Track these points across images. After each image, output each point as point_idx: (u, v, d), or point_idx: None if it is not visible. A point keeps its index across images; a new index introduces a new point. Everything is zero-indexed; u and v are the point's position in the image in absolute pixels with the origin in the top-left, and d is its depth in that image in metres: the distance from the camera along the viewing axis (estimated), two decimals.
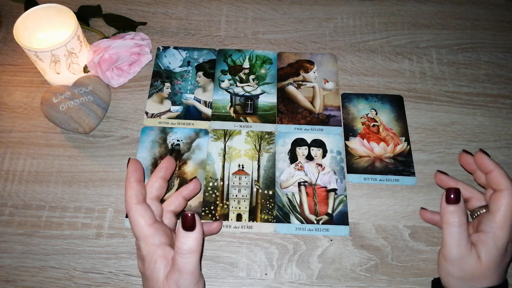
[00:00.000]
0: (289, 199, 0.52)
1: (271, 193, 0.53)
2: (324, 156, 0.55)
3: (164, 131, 0.56)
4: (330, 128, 0.57)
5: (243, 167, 0.54)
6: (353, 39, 0.65)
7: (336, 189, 0.53)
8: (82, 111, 0.53)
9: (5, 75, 0.60)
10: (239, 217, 0.51)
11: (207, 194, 0.52)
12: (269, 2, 0.69)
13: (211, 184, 0.53)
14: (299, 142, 0.56)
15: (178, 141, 0.56)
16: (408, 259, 0.49)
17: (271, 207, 0.52)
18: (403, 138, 0.57)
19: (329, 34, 0.66)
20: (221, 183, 0.53)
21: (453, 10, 0.69)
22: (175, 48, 0.63)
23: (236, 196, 0.52)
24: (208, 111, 0.58)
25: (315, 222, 0.51)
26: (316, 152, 0.55)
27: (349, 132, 0.57)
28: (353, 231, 0.51)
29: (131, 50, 0.58)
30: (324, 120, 0.58)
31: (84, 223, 0.50)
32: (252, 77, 0.61)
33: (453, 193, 0.42)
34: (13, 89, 0.59)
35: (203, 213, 0.51)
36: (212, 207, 0.51)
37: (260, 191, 0.53)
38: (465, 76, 0.62)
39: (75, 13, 0.55)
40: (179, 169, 0.54)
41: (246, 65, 0.62)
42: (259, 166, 0.54)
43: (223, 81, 0.61)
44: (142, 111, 0.58)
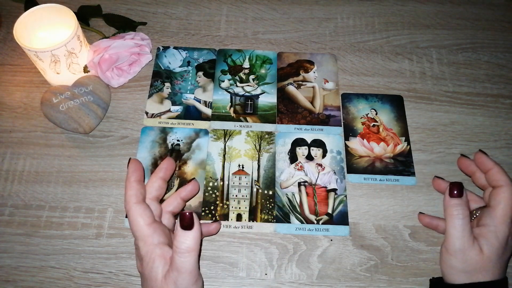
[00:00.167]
0: (289, 199, 0.52)
1: (271, 193, 0.53)
2: (324, 156, 0.55)
3: (164, 131, 0.56)
4: (330, 128, 0.57)
5: (243, 167, 0.54)
6: (353, 39, 0.65)
7: (336, 189, 0.53)
8: (82, 111, 0.53)
9: (5, 75, 0.60)
10: (239, 217, 0.51)
11: (207, 194, 0.52)
12: (269, 2, 0.69)
13: (211, 184, 0.53)
14: (299, 142, 0.56)
15: (178, 141, 0.56)
16: (408, 259, 0.49)
17: (271, 207, 0.52)
18: (403, 138, 0.57)
19: (329, 34, 0.66)
20: (221, 183, 0.53)
21: (453, 10, 0.69)
22: (175, 48, 0.63)
23: (236, 196, 0.52)
24: (208, 111, 0.58)
25: (315, 222, 0.51)
26: (316, 152, 0.55)
27: (349, 132, 0.57)
28: (353, 231, 0.51)
29: (131, 50, 0.58)
30: (324, 120, 0.58)
31: (84, 223, 0.50)
32: (252, 77, 0.61)
33: (456, 187, 0.44)
34: (13, 89, 0.59)
35: (203, 213, 0.51)
36: (212, 207, 0.51)
37: (260, 191, 0.53)
38: (465, 76, 0.62)
39: (75, 13, 0.55)
40: (179, 169, 0.54)
41: (246, 65, 0.62)
42: (259, 166, 0.54)
43: (223, 81, 0.61)
44: (142, 111, 0.58)
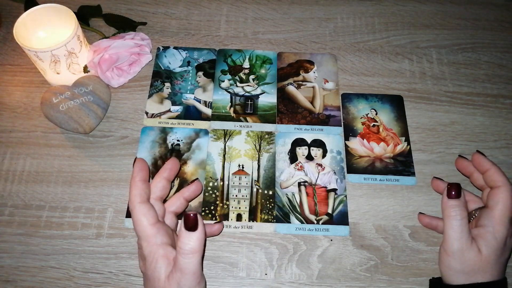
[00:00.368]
0: (289, 199, 0.52)
1: (271, 193, 0.53)
2: (324, 156, 0.55)
3: (164, 131, 0.56)
4: (330, 128, 0.57)
5: (243, 167, 0.54)
6: (353, 39, 0.65)
7: (336, 189, 0.53)
8: (82, 111, 0.53)
9: (5, 75, 0.60)
10: (239, 217, 0.51)
11: (207, 194, 0.52)
12: (269, 2, 0.69)
13: (211, 184, 0.53)
14: (299, 142, 0.56)
15: (178, 141, 0.56)
16: (408, 259, 0.49)
17: (271, 207, 0.52)
18: (403, 138, 0.57)
19: (329, 34, 0.66)
20: (221, 183, 0.53)
21: (453, 10, 0.69)
22: (175, 48, 0.63)
23: (236, 196, 0.52)
24: (208, 111, 0.58)
25: (315, 222, 0.51)
26: (316, 152, 0.55)
27: (349, 132, 0.57)
28: (353, 231, 0.51)
29: (131, 50, 0.58)
30: (324, 120, 0.58)
31: (84, 223, 0.50)
32: (252, 77, 0.61)
33: (454, 188, 0.44)
34: (13, 89, 0.59)
35: (203, 213, 0.51)
36: (212, 207, 0.51)
37: (260, 191, 0.53)
38: (465, 76, 0.62)
39: (75, 13, 0.55)
40: (179, 169, 0.54)
41: (246, 65, 0.62)
42: (259, 166, 0.54)
43: (223, 81, 0.61)
44: (142, 111, 0.58)
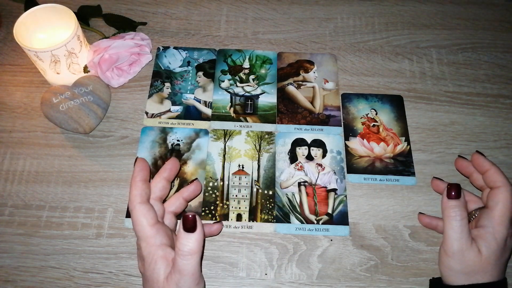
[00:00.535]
0: (289, 199, 0.52)
1: (271, 193, 0.53)
2: (324, 156, 0.55)
3: (164, 131, 0.56)
4: (330, 128, 0.57)
5: (243, 167, 0.54)
6: (353, 39, 0.65)
7: (336, 189, 0.53)
8: (82, 111, 0.53)
9: (5, 75, 0.60)
10: (239, 217, 0.51)
11: (207, 194, 0.52)
12: (269, 2, 0.69)
13: (211, 184, 0.53)
14: (299, 142, 0.56)
15: (178, 141, 0.56)
16: (408, 259, 0.49)
17: (271, 207, 0.52)
18: (403, 138, 0.57)
19: (329, 34, 0.66)
20: (221, 183, 0.53)
21: (453, 10, 0.69)
22: (175, 48, 0.63)
23: (236, 196, 0.52)
24: (208, 111, 0.58)
25: (315, 222, 0.51)
26: (316, 152, 0.55)
27: (349, 132, 0.57)
28: (353, 231, 0.51)
29: (131, 50, 0.58)
30: (324, 120, 0.58)
31: (84, 223, 0.50)
32: (252, 77, 0.61)
33: (454, 188, 0.44)
34: (13, 89, 0.59)
35: (203, 213, 0.51)
36: (212, 207, 0.51)
37: (260, 191, 0.53)
38: (465, 76, 0.62)
39: (75, 13, 0.55)
40: (179, 169, 0.54)
41: (246, 65, 0.62)
42: (259, 166, 0.54)
43: (223, 81, 0.61)
44: (142, 111, 0.58)
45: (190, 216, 0.37)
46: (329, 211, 0.52)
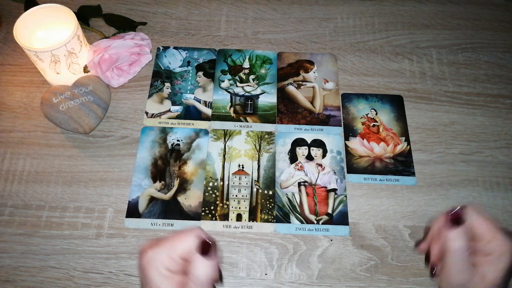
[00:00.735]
0: (289, 199, 0.52)
1: (271, 193, 0.53)
2: (324, 156, 0.55)
3: (164, 131, 0.56)
4: (330, 128, 0.57)
5: (243, 167, 0.54)
6: (353, 39, 0.65)
7: (336, 189, 0.53)
8: (82, 111, 0.53)
9: (5, 75, 0.60)
10: (239, 217, 0.51)
11: (207, 194, 0.52)
12: (269, 2, 0.69)
13: (211, 184, 0.53)
14: (299, 142, 0.56)
15: (178, 141, 0.56)
16: (408, 259, 0.49)
17: (271, 207, 0.52)
18: (403, 138, 0.57)
19: (329, 34, 0.66)
20: (221, 183, 0.53)
21: (453, 10, 0.69)
22: (175, 48, 0.63)
23: (236, 196, 0.52)
24: (208, 111, 0.58)
25: (315, 222, 0.51)
26: (316, 152, 0.55)
27: (349, 132, 0.57)
28: (353, 231, 0.51)
29: (131, 50, 0.58)
30: (324, 120, 0.58)
31: (84, 223, 0.50)
32: (252, 77, 0.61)
33: (458, 216, 0.38)
34: (13, 89, 0.59)
35: (203, 213, 0.51)
36: (212, 207, 0.51)
37: (260, 191, 0.53)
38: (465, 76, 0.62)
39: (75, 13, 0.55)
40: (179, 169, 0.54)
41: (246, 65, 0.62)
42: (259, 166, 0.54)
43: (223, 81, 0.61)
44: (142, 111, 0.58)
45: (209, 241, 0.35)
46: (329, 211, 0.52)
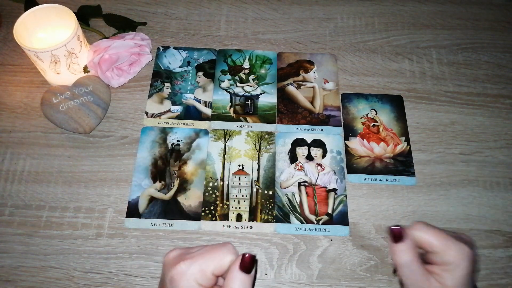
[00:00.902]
0: (289, 199, 0.52)
1: (271, 193, 0.53)
2: (324, 156, 0.55)
3: (164, 131, 0.56)
4: (330, 128, 0.57)
5: (243, 167, 0.54)
6: (353, 39, 0.65)
7: (336, 189, 0.53)
8: (82, 111, 0.53)
9: (5, 75, 0.60)
10: (239, 217, 0.51)
11: (207, 194, 0.52)
12: (269, 2, 0.69)
13: (211, 184, 0.53)
14: (299, 142, 0.56)
15: (178, 141, 0.56)
16: None
17: (271, 207, 0.52)
18: (403, 138, 0.57)
19: (329, 34, 0.66)
20: (221, 183, 0.53)
21: (453, 10, 0.69)
22: (175, 48, 0.63)
23: (236, 196, 0.52)
24: (208, 111, 0.58)
25: (315, 222, 0.51)
26: (316, 152, 0.55)
27: (349, 132, 0.57)
28: (353, 231, 0.51)
29: (131, 50, 0.58)
30: (324, 120, 0.58)
31: (84, 223, 0.50)
32: (252, 77, 0.61)
33: (397, 231, 0.38)
34: (13, 89, 0.59)
35: (203, 213, 0.51)
36: (212, 207, 0.51)
37: (260, 191, 0.53)
38: (465, 76, 0.62)
39: (75, 13, 0.55)
40: (179, 169, 0.54)
41: (246, 65, 0.62)
42: (259, 166, 0.54)
43: (223, 81, 0.61)
44: (142, 111, 0.58)
45: (249, 256, 0.35)
46: (329, 211, 0.52)
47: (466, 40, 0.66)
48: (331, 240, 0.50)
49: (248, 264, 0.35)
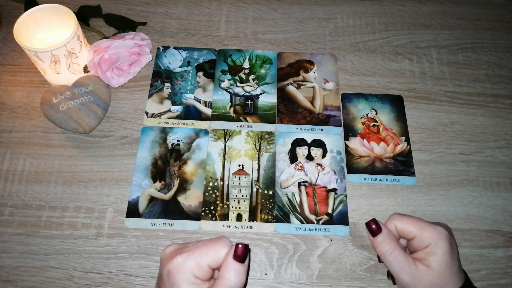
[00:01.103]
0: (289, 199, 0.52)
1: (271, 193, 0.53)
2: (324, 156, 0.55)
3: (164, 131, 0.56)
4: (330, 128, 0.57)
5: (243, 167, 0.54)
6: (353, 39, 0.65)
7: (336, 189, 0.53)
8: (82, 111, 0.53)
9: (5, 75, 0.60)
10: (239, 217, 0.51)
11: (207, 194, 0.52)
12: (269, 2, 0.69)
13: (211, 184, 0.53)
14: (299, 142, 0.56)
15: (178, 141, 0.56)
16: None
17: (271, 207, 0.52)
18: (403, 138, 0.57)
19: (329, 34, 0.66)
20: (221, 183, 0.53)
21: (453, 10, 0.69)
22: (175, 48, 0.63)
23: (236, 196, 0.52)
24: (208, 111, 0.58)
25: (315, 222, 0.51)
26: (316, 152, 0.55)
27: (349, 132, 0.57)
28: (353, 231, 0.51)
29: (131, 50, 0.58)
30: (324, 120, 0.58)
31: (84, 223, 0.50)
32: (252, 77, 0.61)
33: (372, 224, 0.42)
34: (13, 89, 0.59)
35: (203, 213, 0.51)
36: (212, 207, 0.51)
37: (260, 191, 0.53)
38: (465, 76, 0.62)
39: (75, 13, 0.55)
40: (179, 169, 0.54)
41: (246, 65, 0.62)
42: (259, 166, 0.54)
43: (223, 81, 0.61)
44: (142, 111, 0.58)
45: (242, 246, 0.36)
46: (329, 211, 0.52)
47: (466, 40, 0.66)
48: (331, 240, 0.50)
49: (242, 253, 0.36)
